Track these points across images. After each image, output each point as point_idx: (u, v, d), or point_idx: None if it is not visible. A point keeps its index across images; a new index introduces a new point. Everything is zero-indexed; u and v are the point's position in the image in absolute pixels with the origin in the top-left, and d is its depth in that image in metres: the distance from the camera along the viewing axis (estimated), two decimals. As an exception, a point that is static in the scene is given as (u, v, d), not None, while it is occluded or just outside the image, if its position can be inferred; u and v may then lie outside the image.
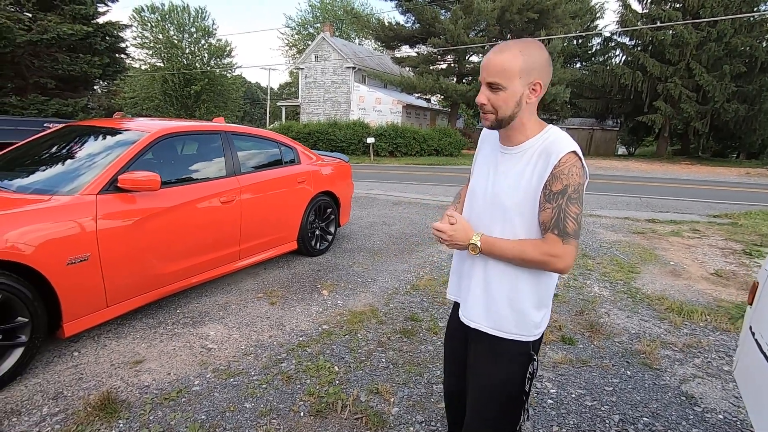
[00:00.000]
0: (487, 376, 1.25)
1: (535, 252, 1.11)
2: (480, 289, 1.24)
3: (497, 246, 1.15)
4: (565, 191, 1.08)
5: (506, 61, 1.07)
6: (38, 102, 14.74)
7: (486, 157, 1.29)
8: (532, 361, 1.22)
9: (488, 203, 1.22)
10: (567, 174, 1.08)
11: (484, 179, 1.25)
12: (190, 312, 3.03)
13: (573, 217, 1.08)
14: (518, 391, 1.22)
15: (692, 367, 2.54)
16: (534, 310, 1.20)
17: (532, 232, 1.15)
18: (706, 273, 4.30)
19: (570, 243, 1.09)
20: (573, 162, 1.09)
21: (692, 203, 8.85)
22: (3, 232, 2.01)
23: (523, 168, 1.14)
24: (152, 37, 32.65)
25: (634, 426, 2.01)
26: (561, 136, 1.14)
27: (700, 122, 24.36)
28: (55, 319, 2.29)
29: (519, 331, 1.20)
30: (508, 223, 1.17)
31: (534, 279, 1.19)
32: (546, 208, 1.11)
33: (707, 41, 23.11)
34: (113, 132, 3.06)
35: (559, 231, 1.09)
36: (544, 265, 1.12)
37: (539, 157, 1.12)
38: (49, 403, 2.02)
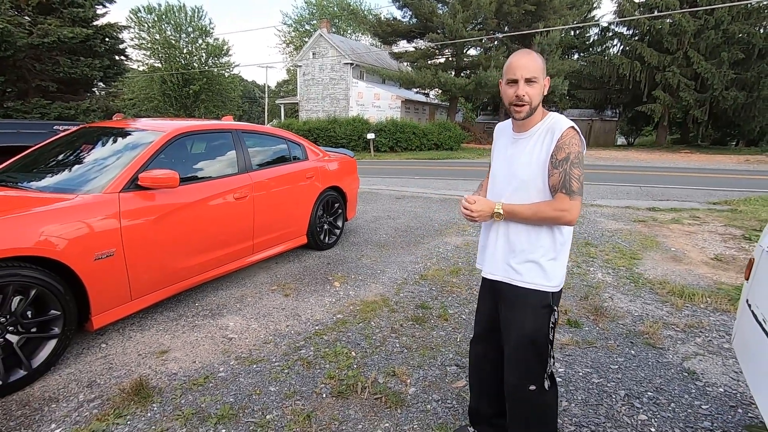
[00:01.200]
0: (517, 328, 1.47)
1: (548, 209, 1.36)
2: (503, 247, 1.49)
3: (516, 210, 1.41)
4: (568, 158, 1.34)
5: (537, 60, 1.38)
6: (41, 105, 14.83)
7: (502, 147, 1.56)
8: (552, 312, 1.45)
9: (507, 181, 1.48)
10: (569, 144, 1.35)
11: (503, 163, 1.52)
12: (209, 305, 3.14)
13: (576, 177, 1.34)
14: (544, 339, 1.45)
15: (694, 345, 2.65)
16: (550, 262, 1.43)
17: (544, 197, 1.41)
18: (707, 258, 4.40)
19: (575, 199, 1.34)
20: (572, 135, 1.36)
21: (692, 191, 8.95)
22: (37, 230, 2.12)
23: (533, 146, 1.42)
24: (149, 37, 32.63)
25: (639, 400, 2.12)
26: (560, 118, 1.42)
27: (699, 110, 24.38)
28: (84, 313, 2.40)
29: (540, 281, 1.42)
30: (524, 192, 1.43)
31: (548, 234, 1.42)
32: (554, 174, 1.36)
33: (705, 29, 23.09)
34: (129, 132, 3.16)
35: (566, 190, 1.34)
36: (557, 220, 1.36)
37: (545, 136, 1.40)
38: (84, 391, 2.13)
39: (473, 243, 4.85)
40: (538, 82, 1.37)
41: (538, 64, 1.37)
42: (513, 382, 1.50)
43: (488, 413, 1.76)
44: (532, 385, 1.46)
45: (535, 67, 1.36)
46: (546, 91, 1.41)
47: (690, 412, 2.04)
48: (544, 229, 1.42)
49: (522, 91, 1.36)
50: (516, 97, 1.37)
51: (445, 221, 5.96)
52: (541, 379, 1.47)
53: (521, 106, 1.38)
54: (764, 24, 23.75)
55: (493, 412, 1.74)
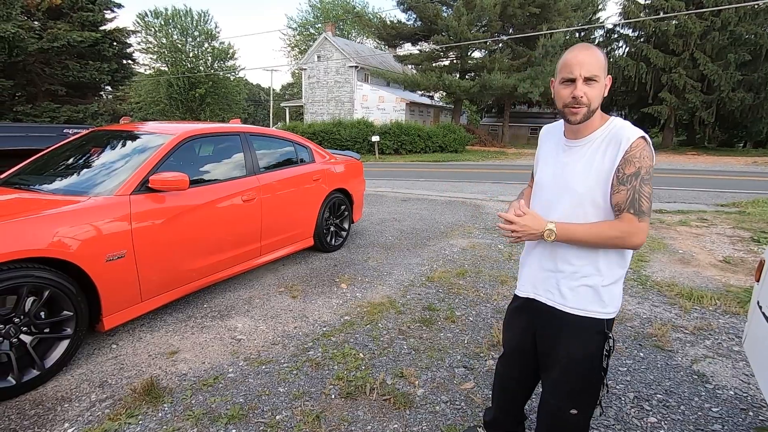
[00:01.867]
0: (565, 355, 1.32)
1: (613, 231, 1.19)
2: (549, 266, 1.33)
3: (572, 230, 1.23)
4: (638, 173, 1.18)
5: (598, 56, 1.20)
6: (50, 109, 15.02)
7: (549, 152, 1.39)
8: (607, 339, 1.29)
9: (557, 192, 1.31)
10: (639, 157, 1.18)
11: (552, 172, 1.35)
12: (217, 306, 3.17)
13: (646, 196, 1.18)
14: (597, 368, 1.30)
15: (703, 348, 2.64)
16: (608, 289, 1.28)
17: (602, 214, 1.24)
18: (715, 260, 4.37)
19: (644, 220, 1.18)
20: (643, 146, 1.19)
21: (699, 193, 8.89)
22: (50, 231, 2.15)
23: (592, 156, 1.24)
24: (156, 41, 32.96)
25: (648, 402, 2.11)
26: (627, 125, 1.24)
27: (705, 112, 24.25)
28: (95, 314, 2.43)
29: (593, 308, 1.28)
30: (579, 208, 1.26)
31: (607, 258, 1.27)
32: (620, 190, 1.19)
33: (711, 30, 22.98)
34: (139, 136, 3.20)
35: (635, 210, 1.18)
36: (622, 243, 1.20)
37: (608, 144, 1.22)
38: (96, 391, 2.15)
39: (479, 245, 4.86)
40: (598, 82, 1.20)
41: (599, 60, 1.20)
42: (554, 403, 1.38)
43: (506, 424, 1.68)
44: (574, 410, 1.34)
45: (596, 63, 1.19)
46: (607, 91, 1.24)
47: (700, 414, 2.03)
48: (606, 252, 1.26)
49: (580, 91, 1.19)
50: (572, 98, 1.20)
51: (451, 223, 5.96)
52: (588, 404, 1.35)
53: (578, 108, 1.21)
54: (772, 25, 23.56)
55: (512, 423, 1.67)
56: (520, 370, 1.54)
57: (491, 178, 11.64)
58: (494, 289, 3.54)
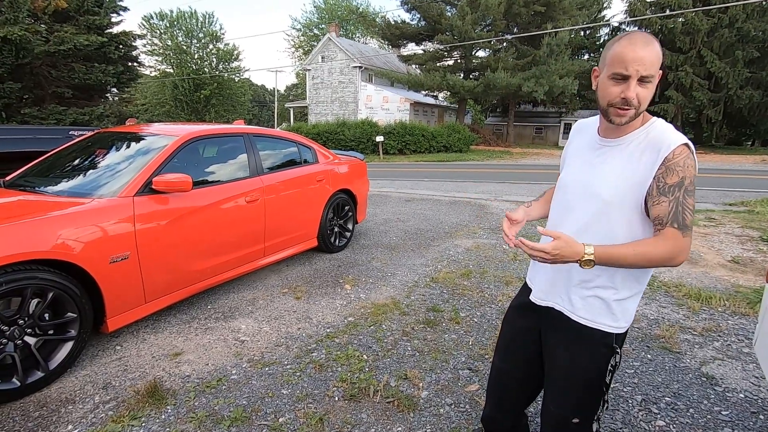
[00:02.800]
0: (568, 363, 1.26)
1: (659, 250, 1.06)
2: (570, 277, 1.23)
3: (615, 255, 1.07)
4: (681, 183, 1.06)
5: (658, 53, 1.06)
6: (57, 112, 15.16)
7: (579, 150, 1.28)
8: (614, 354, 1.21)
9: (582, 196, 1.19)
10: (683, 166, 1.06)
11: (578, 172, 1.23)
12: (221, 307, 3.16)
13: (690, 209, 1.07)
14: (598, 381, 1.23)
15: (712, 350, 2.60)
16: (620, 303, 1.19)
17: (631, 225, 1.13)
18: (723, 260, 4.31)
19: (688, 235, 1.06)
20: (687, 154, 1.07)
21: (707, 192, 8.79)
22: (54, 233, 2.15)
23: (627, 160, 1.12)
24: (161, 43, 33.17)
25: (657, 405, 2.08)
26: (668, 128, 1.12)
27: (713, 110, 24.02)
28: (99, 315, 2.43)
29: (606, 322, 1.20)
30: (604, 216, 1.14)
31: (626, 272, 1.17)
32: (662, 202, 1.07)
33: (719, 27, 22.77)
34: (142, 137, 3.20)
35: (679, 224, 1.05)
36: (668, 262, 1.07)
37: (645, 149, 1.10)
38: (100, 392, 2.15)
39: (483, 246, 4.83)
40: (653, 83, 1.06)
41: (659, 57, 1.05)
42: (555, 411, 1.31)
43: (506, 425, 1.58)
44: (576, 419, 1.27)
45: (656, 62, 1.05)
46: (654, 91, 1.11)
47: (709, 418, 1.99)
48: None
49: (632, 92, 1.05)
50: (622, 99, 1.06)
51: (455, 223, 5.93)
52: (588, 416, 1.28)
53: (626, 110, 1.08)
54: (780, 21, 23.30)
55: (511, 425, 1.58)
56: (520, 370, 1.46)
57: (496, 178, 11.59)
58: (499, 290, 3.52)
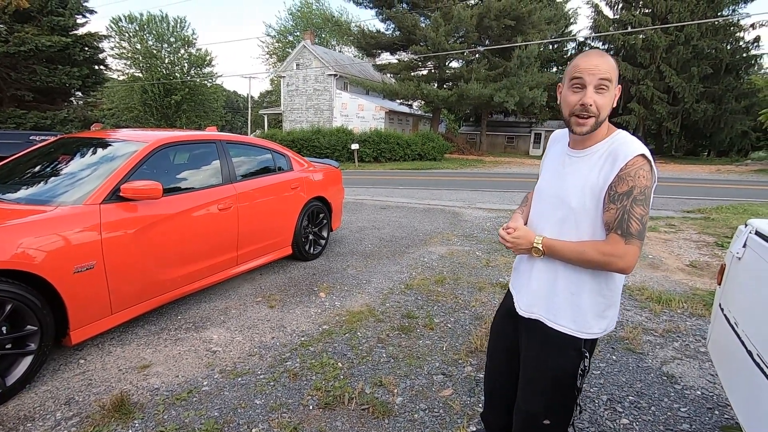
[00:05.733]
0: (537, 365, 1.30)
1: (595, 252, 1.13)
2: (543, 281, 1.28)
3: (558, 248, 1.19)
4: (630, 192, 1.10)
5: (612, 63, 1.13)
6: (16, 115, 14.47)
7: (553, 160, 1.34)
8: (583, 358, 1.24)
9: (553, 204, 1.26)
10: (633, 176, 1.11)
11: (550, 180, 1.31)
12: (192, 317, 3.09)
13: (637, 218, 1.10)
14: (568, 383, 1.26)
15: (672, 350, 2.73)
16: (592, 310, 1.23)
17: (597, 232, 1.18)
18: (682, 264, 4.54)
19: (632, 243, 1.10)
20: (641, 165, 1.11)
21: (667, 200, 9.24)
22: (13, 242, 2.06)
23: (590, 170, 1.18)
24: (130, 47, 32.24)
25: (621, 404, 2.17)
26: (629, 140, 1.16)
27: (671, 122, 25.32)
28: (62, 327, 2.33)
29: (574, 327, 1.24)
30: (571, 223, 1.20)
31: (598, 280, 1.21)
32: (610, 209, 1.13)
33: (676, 44, 24.11)
34: (110, 143, 3.11)
35: (623, 231, 1.10)
36: (605, 265, 1.13)
37: (606, 160, 1.16)
38: (62, 408, 2.06)
39: (458, 252, 4.90)
40: (609, 90, 1.13)
41: (613, 66, 1.13)
42: (525, 409, 1.35)
43: (500, 423, 1.64)
44: (547, 420, 1.30)
45: (610, 70, 1.12)
46: (614, 103, 1.17)
47: (669, 415, 2.09)
48: (597, 273, 1.20)
49: (590, 98, 1.11)
50: (581, 105, 1.12)
51: (430, 231, 6.00)
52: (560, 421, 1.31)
53: (586, 119, 1.13)
54: (730, 40, 24.92)
55: (504, 424, 1.62)
56: (506, 367, 1.50)
57: (469, 186, 11.81)
58: (472, 296, 3.58)
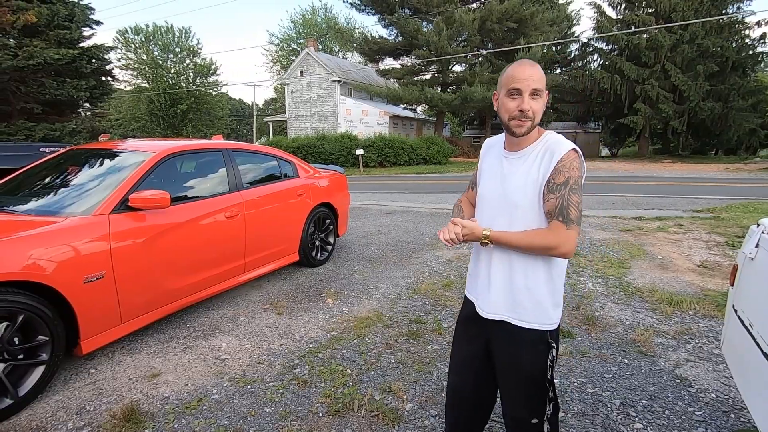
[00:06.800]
0: (514, 370, 1.35)
1: (540, 239, 1.23)
2: (501, 282, 1.34)
3: (504, 237, 1.27)
4: (567, 182, 1.22)
5: (541, 73, 1.26)
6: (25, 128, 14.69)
7: (491, 165, 1.43)
8: (551, 349, 1.32)
9: (500, 204, 1.34)
10: (569, 168, 1.23)
11: (493, 184, 1.38)
12: (200, 325, 3.10)
13: (575, 205, 1.22)
14: (542, 378, 1.32)
15: (684, 352, 2.69)
16: (550, 300, 1.31)
17: (542, 224, 1.28)
18: (693, 265, 4.49)
19: (572, 228, 1.21)
20: (574, 158, 1.25)
21: (676, 200, 9.15)
22: (25, 254, 2.09)
23: (529, 168, 1.29)
24: (137, 58, 32.68)
25: (634, 408, 2.14)
26: (560, 138, 1.30)
27: (677, 121, 25.11)
28: (73, 337, 2.35)
29: (538, 321, 1.31)
30: (521, 218, 1.29)
31: (548, 270, 1.30)
32: (550, 199, 1.24)
33: (680, 43, 23.97)
34: (118, 154, 3.15)
35: (563, 218, 1.21)
36: (549, 251, 1.23)
37: (543, 157, 1.27)
38: (74, 418, 2.07)
39: (464, 255, 4.89)
40: (542, 96, 1.27)
41: (542, 75, 1.26)
42: (514, 416, 1.39)
43: None
44: (535, 419, 1.35)
45: (541, 79, 1.25)
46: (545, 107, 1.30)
47: (684, 419, 2.06)
48: (540, 262, 1.29)
49: (527, 104, 1.24)
50: (520, 111, 1.25)
51: (436, 235, 5.97)
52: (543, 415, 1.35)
53: (523, 122, 1.26)
54: (736, 38, 24.74)
55: None
56: (471, 388, 1.49)
57: (475, 189, 11.75)
58: (480, 300, 3.55)
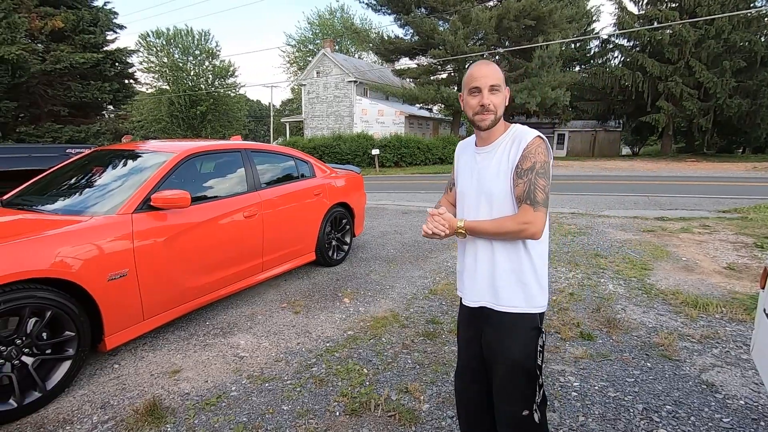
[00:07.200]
0: (505, 355, 1.38)
1: (510, 222, 1.31)
2: (484, 270, 1.41)
3: (477, 226, 1.36)
4: (533, 167, 1.30)
5: (497, 70, 1.36)
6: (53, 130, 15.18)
7: (467, 163, 1.52)
8: (540, 333, 1.38)
9: (477, 196, 1.43)
10: (534, 153, 1.31)
11: (469, 179, 1.47)
12: (219, 323, 3.15)
13: (541, 188, 1.29)
14: (533, 363, 1.37)
15: (711, 357, 2.61)
16: (535, 283, 1.37)
17: (506, 211, 1.36)
18: (719, 267, 4.34)
19: (539, 210, 1.28)
20: (539, 143, 1.33)
21: (700, 200, 8.88)
22: (52, 252, 2.15)
23: (500, 158, 1.38)
24: (158, 61, 33.42)
25: (658, 414, 2.08)
26: (525, 128, 1.39)
27: (703, 119, 24.36)
28: (97, 333, 2.42)
29: (526, 304, 1.36)
30: (497, 208, 1.37)
31: (528, 252, 1.36)
32: (519, 184, 1.31)
33: (706, 38, 23.24)
34: (140, 154, 3.22)
35: (531, 200, 1.28)
36: (520, 233, 1.30)
37: (511, 146, 1.36)
38: (98, 412, 2.13)
39: (482, 256, 4.83)
40: (500, 91, 1.36)
41: (499, 73, 1.36)
42: (505, 409, 1.42)
43: None
44: (526, 410, 1.39)
45: (498, 75, 1.35)
46: (506, 102, 1.39)
47: (711, 426, 1.99)
48: (521, 247, 1.35)
49: (487, 99, 1.34)
50: (481, 106, 1.35)
51: (453, 235, 5.94)
52: (533, 404, 1.39)
53: (486, 115, 1.36)
54: (765, 32, 23.85)
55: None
56: (478, 385, 1.54)
57: (492, 189, 11.64)
58: (498, 301, 3.51)
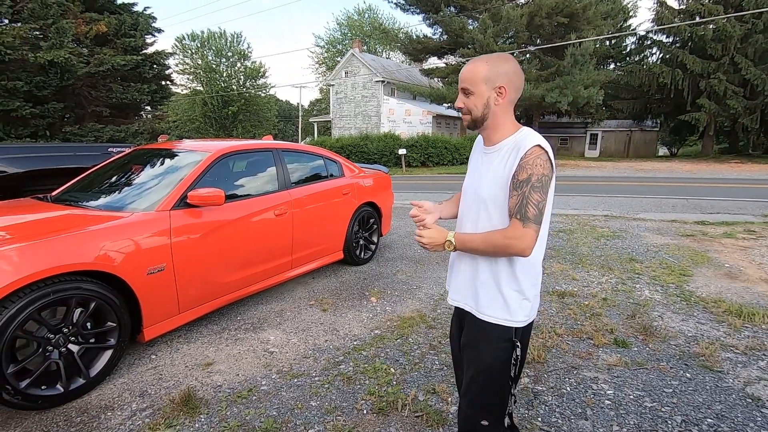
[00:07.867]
0: (475, 359, 1.35)
1: (499, 237, 1.22)
2: (469, 274, 1.37)
3: (467, 240, 1.29)
4: (529, 180, 1.20)
5: (472, 71, 1.27)
6: (95, 130, 15.96)
7: (475, 161, 1.45)
8: (515, 347, 1.31)
9: (474, 198, 1.37)
10: (532, 164, 1.20)
11: (471, 178, 1.42)
12: (250, 319, 3.23)
13: (534, 203, 1.19)
14: (502, 375, 1.31)
15: (757, 369, 2.47)
16: (514, 294, 1.30)
17: (505, 221, 1.26)
18: (766, 275, 4.11)
19: (529, 227, 1.19)
20: (538, 154, 1.21)
21: (744, 203, 8.42)
22: (96, 246, 2.26)
23: (499, 163, 1.29)
24: (192, 62, 34.56)
25: (698, 427, 1.99)
26: (530, 133, 1.27)
27: (748, 118, 23.10)
28: (136, 325, 2.53)
29: (501, 316, 1.30)
30: (485, 213, 1.31)
31: (510, 266, 1.29)
32: (512, 196, 1.23)
33: (753, 33, 22.03)
34: (177, 154, 3.34)
35: (521, 215, 1.19)
36: (507, 249, 1.21)
37: (511, 153, 1.26)
38: (137, 400, 2.23)
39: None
40: (474, 93, 1.28)
41: (475, 73, 1.26)
42: (465, 411, 1.39)
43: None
44: (485, 420, 1.34)
45: (471, 77, 1.27)
46: (498, 101, 1.27)
47: (756, 442, 1.89)
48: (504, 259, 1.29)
49: (459, 102, 1.32)
50: (457, 107, 1.34)
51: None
52: (498, 416, 1.35)
53: (464, 116, 1.34)
54: (819, 25, 22.35)
55: None
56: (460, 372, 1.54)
57: (521, 190, 11.42)
58: (527, 304, 3.45)
